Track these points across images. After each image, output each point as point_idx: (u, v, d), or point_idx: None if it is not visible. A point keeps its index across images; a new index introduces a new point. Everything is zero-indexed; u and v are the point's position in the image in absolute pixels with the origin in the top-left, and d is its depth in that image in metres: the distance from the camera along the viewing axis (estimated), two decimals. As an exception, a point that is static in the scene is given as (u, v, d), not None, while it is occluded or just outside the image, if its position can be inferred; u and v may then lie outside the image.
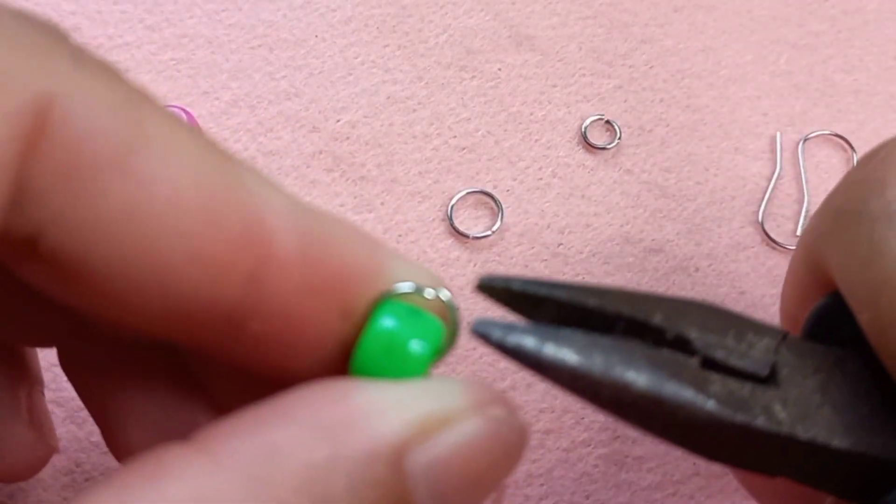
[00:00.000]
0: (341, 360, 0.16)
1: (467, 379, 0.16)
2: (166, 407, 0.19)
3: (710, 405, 0.17)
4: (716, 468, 0.30)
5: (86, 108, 0.13)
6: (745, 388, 0.18)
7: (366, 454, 0.14)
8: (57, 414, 0.29)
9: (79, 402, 0.30)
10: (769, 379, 0.18)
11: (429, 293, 0.17)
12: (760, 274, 0.33)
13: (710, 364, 0.18)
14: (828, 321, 0.20)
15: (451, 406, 0.15)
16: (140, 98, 0.14)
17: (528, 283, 0.18)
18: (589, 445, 0.30)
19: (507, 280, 0.18)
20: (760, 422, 0.18)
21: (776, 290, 0.33)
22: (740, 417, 0.18)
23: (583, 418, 0.30)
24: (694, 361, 0.18)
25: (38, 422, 0.23)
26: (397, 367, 0.16)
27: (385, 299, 0.17)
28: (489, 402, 0.16)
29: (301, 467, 0.13)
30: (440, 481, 0.14)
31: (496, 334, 0.17)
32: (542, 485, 0.29)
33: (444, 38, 0.37)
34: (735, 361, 0.18)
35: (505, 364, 0.30)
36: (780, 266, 0.33)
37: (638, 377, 0.17)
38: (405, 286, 0.17)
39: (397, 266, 0.17)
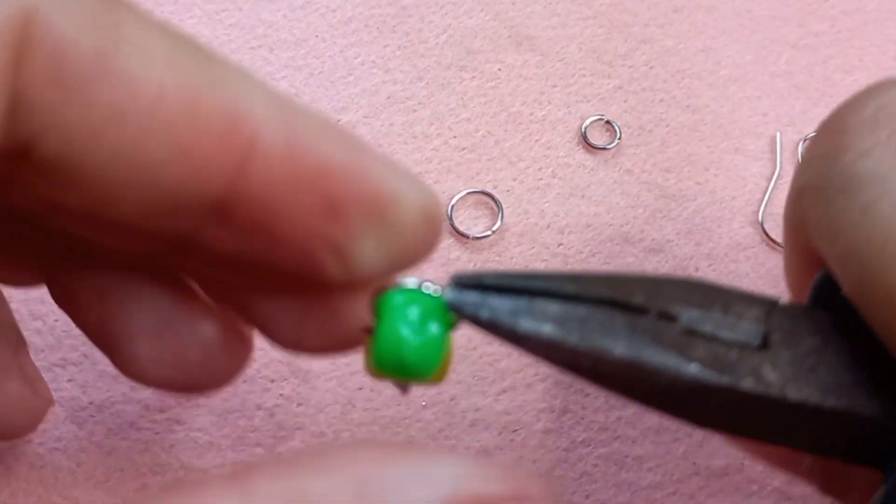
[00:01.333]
0: (333, 267, 0.17)
1: (508, 463, 0.16)
2: (165, 316, 0.20)
3: (693, 368, 0.17)
4: (716, 468, 0.30)
5: (65, 16, 0.14)
6: (731, 353, 0.17)
7: None
8: (58, 413, 0.29)
9: (80, 402, 0.30)
10: (760, 346, 0.18)
11: (426, 287, 0.18)
12: (760, 274, 0.33)
13: (695, 334, 0.18)
14: (827, 294, 0.19)
15: (489, 491, 0.15)
16: (118, 3, 0.15)
17: (501, 277, 0.18)
18: (589, 445, 0.30)
19: (479, 276, 0.18)
20: (748, 383, 0.17)
21: (776, 290, 0.33)
22: (725, 380, 0.17)
23: (583, 418, 0.30)
24: (676, 327, 0.18)
25: (30, 377, 0.23)
26: (420, 355, 0.17)
27: (391, 292, 0.17)
28: (528, 493, 0.15)
29: None
30: None
31: (470, 307, 0.17)
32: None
33: (444, 38, 0.37)
34: (724, 333, 0.18)
35: (505, 364, 0.31)
36: (780, 266, 0.33)
37: (616, 344, 0.17)
38: (410, 282, 0.18)
39: (380, 167, 0.17)
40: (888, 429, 0.17)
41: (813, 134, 0.36)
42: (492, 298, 0.17)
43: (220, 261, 0.18)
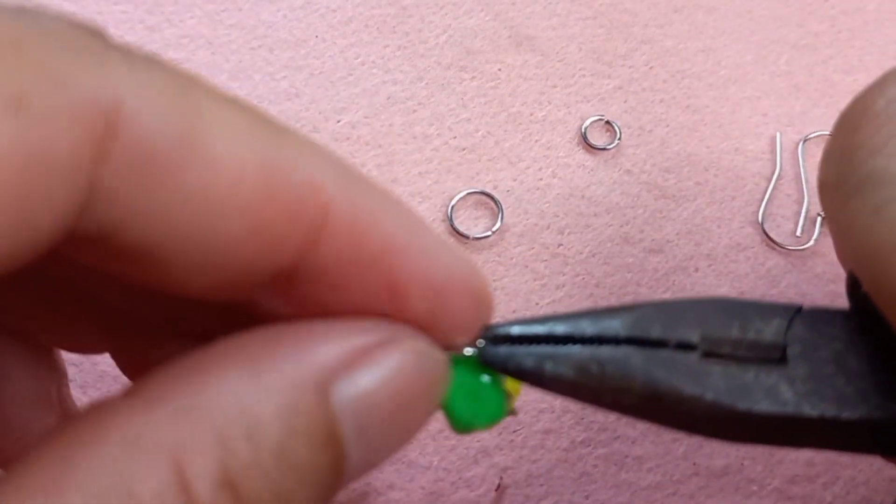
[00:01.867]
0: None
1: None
2: None
3: (710, 396, 0.18)
4: (716, 468, 0.30)
5: (150, 104, 0.14)
6: (748, 374, 0.18)
7: (292, 385, 0.14)
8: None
9: (79, 403, 0.30)
10: (779, 360, 0.18)
11: (466, 351, 0.19)
12: (760, 274, 0.33)
13: (713, 356, 0.18)
14: (856, 289, 0.20)
15: (373, 340, 0.16)
16: (193, 85, 0.15)
17: (527, 325, 0.19)
18: (589, 445, 0.30)
19: (508, 325, 0.19)
20: (763, 406, 0.18)
21: (776, 290, 0.33)
22: (741, 404, 0.18)
23: (583, 418, 0.30)
24: (693, 356, 0.18)
25: (67, 412, 0.23)
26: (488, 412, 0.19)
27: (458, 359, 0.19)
28: (409, 336, 0.16)
29: (229, 398, 0.14)
30: (364, 412, 0.15)
31: (499, 360, 0.19)
32: (541, 485, 0.29)
33: (444, 38, 0.37)
34: (741, 353, 0.18)
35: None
36: (779, 266, 0.33)
37: (634, 380, 0.18)
38: (469, 351, 0.19)
39: (438, 248, 0.17)
40: None
41: (814, 134, 0.36)
42: (519, 350, 0.19)
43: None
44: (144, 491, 0.13)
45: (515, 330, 0.19)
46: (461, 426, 0.19)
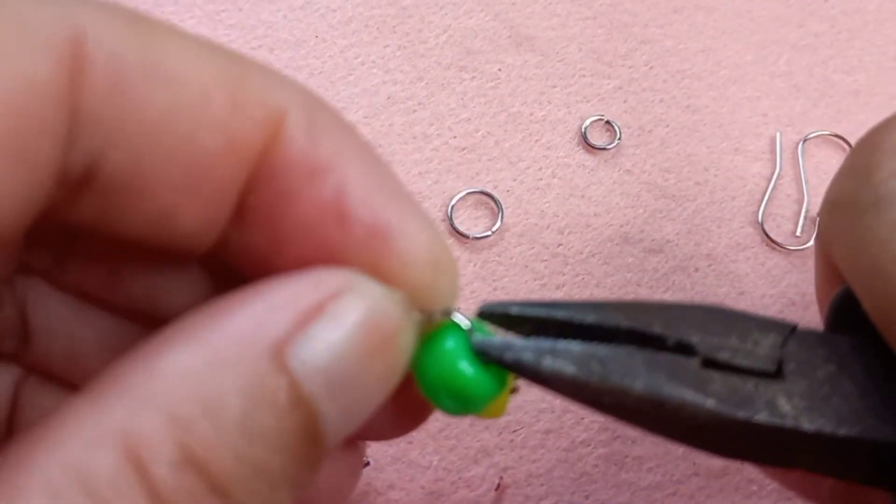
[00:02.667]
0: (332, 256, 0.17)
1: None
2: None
3: (710, 403, 0.18)
4: (716, 468, 0.30)
5: (112, 33, 0.15)
6: (748, 385, 0.18)
7: (246, 357, 0.14)
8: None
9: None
10: (776, 374, 0.18)
11: (456, 318, 0.18)
12: (760, 274, 0.33)
13: (712, 364, 0.18)
14: (846, 311, 0.20)
15: (325, 293, 0.15)
16: (150, 19, 0.16)
17: (526, 307, 0.18)
18: (589, 445, 0.30)
19: (506, 305, 0.18)
20: (762, 416, 0.18)
21: (776, 290, 0.33)
22: (741, 413, 0.18)
23: (583, 418, 0.30)
24: (694, 362, 0.18)
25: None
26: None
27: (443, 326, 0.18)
28: (360, 282, 0.16)
29: (181, 378, 0.14)
30: (328, 367, 0.15)
31: (495, 351, 0.18)
32: (542, 485, 0.29)
33: (444, 38, 0.37)
34: (740, 361, 0.18)
35: (505, 364, 0.31)
36: (779, 266, 0.33)
37: (635, 382, 0.18)
38: (461, 320, 0.18)
39: (395, 199, 0.17)
40: None
41: (813, 134, 0.36)
42: (516, 345, 0.18)
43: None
44: (101, 482, 0.13)
45: (514, 310, 0.18)
46: (444, 407, 0.18)
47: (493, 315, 0.19)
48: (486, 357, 0.18)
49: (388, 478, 0.29)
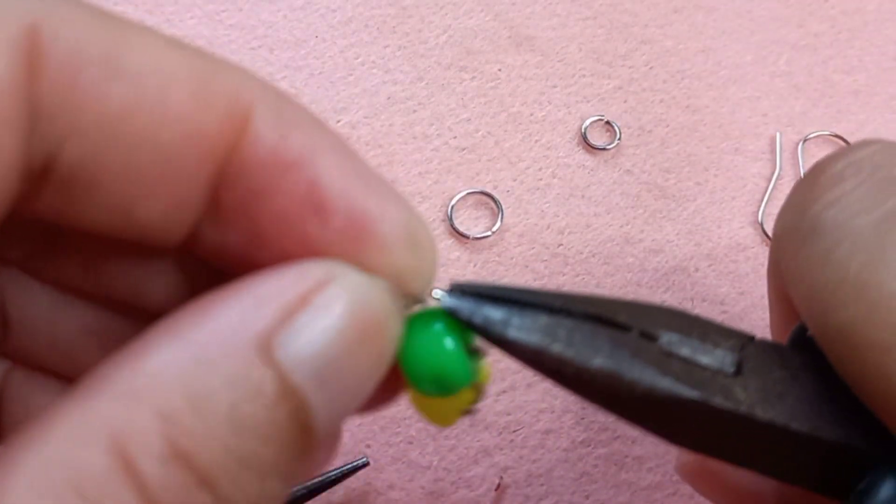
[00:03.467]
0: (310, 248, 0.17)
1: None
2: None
3: (667, 382, 0.18)
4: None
5: (71, 25, 0.15)
6: (705, 373, 0.18)
7: (233, 352, 0.15)
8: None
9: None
10: (734, 374, 0.19)
11: (434, 294, 0.18)
12: (760, 275, 0.33)
13: (673, 356, 0.19)
14: (803, 341, 0.20)
15: (308, 284, 0.16)
16: (115, 15, 0.16)
17: (496, 289, 0.19)
18: (589, 445, 0.30)
19: (476, 286, 0.19)
20: (718, 400, 0.18)
21: (776, 290, 0.33)
22: (697, 394, 0.18)
23: (583, 418, 0.30)
24: (655, 346, 0.19)
25: None
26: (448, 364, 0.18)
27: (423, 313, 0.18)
28: (344, 272, 0.16)
29: (167, 374, 0.14)
30: (315, 356, 0.15)
31: (465, 312, 0.18)
32: (542, 485, 0.29)
33: (444, 38, 0.37)
34: (700, 358, 0.19)
35: (505, 364, 0.31)
36: (779, 266, 0.33)
37: (597, 354, 0.18)
38: (446, 300, 0.18)
39: (366, 180, 0.17)
40: (850, 456, 0.18)
41: (813, 134, 0.36)
42: (486, 307, 0.18)
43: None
44: (88, 479, 0.13)
45: (484, 290, 0.19)
46: (421, 385, 0.19)
47: (463, 293, 0.19)
48: (456, 317, 0.18)
49: (388, 478, 0.29)
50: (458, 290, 0.19)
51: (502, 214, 0.33)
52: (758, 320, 0.32)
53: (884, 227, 0.18)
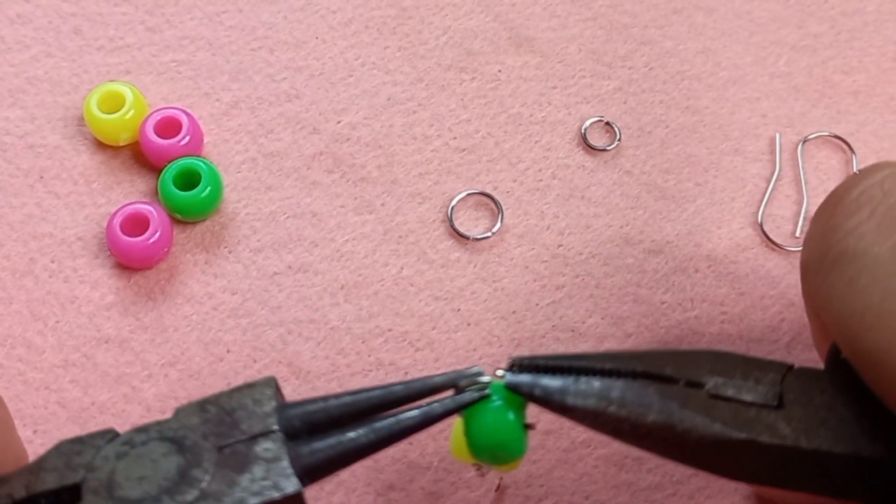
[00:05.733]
0: None
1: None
2: None
3: (717, 427, 0.20)
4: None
5: None
6: (750, 411, 0.20)
7: None
8: (59, 414, 0.29)
9: (82, 403, 0.30)
10: (777, 406, 0.20)
11: (497, 375, 0.22)
12: (760, 275, 0.33)
13: (719, 398, 0.20)
14: (840, 358, 0.22)
15: None
16: None
17: (551, 359, 0.22)
18: (589, 446, 0.30)
19: (534, 358, 0.22)
20: (765, 438, 0.20)
21: (775, 291, 0.33)
22: (745, 435, 0.20)
23: (583, 419, 0.30)
24: (703, 393, 0.20)
25: None
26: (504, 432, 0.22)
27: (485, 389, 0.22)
28: None
29: None
30: None
31: (525, 387, 0.21)
32: (541, 485, 0.29)
33: (444, 39, 0.37)
34: (744, 395, 0.20)
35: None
36: (779, 267, 0.33)
37: (650, 409, 0.20)
38: (495, 378, 0.22)
39: None
40: (891, 470, 0.20)
41: (813, 135, 0.36)
42: (543, 379, 0.21)
43: None
44: None
45: (540, 361, 0.21)
46: (476, 453, 0.22)
47: (521, 366, 0.22)
48: (517, 392, 0.21)
49: (388, 478, 0.29)
50: (517, 365, 0.22)
51: (502, 215, 0.33)
52: (757, 321, 0.32)
53: None
